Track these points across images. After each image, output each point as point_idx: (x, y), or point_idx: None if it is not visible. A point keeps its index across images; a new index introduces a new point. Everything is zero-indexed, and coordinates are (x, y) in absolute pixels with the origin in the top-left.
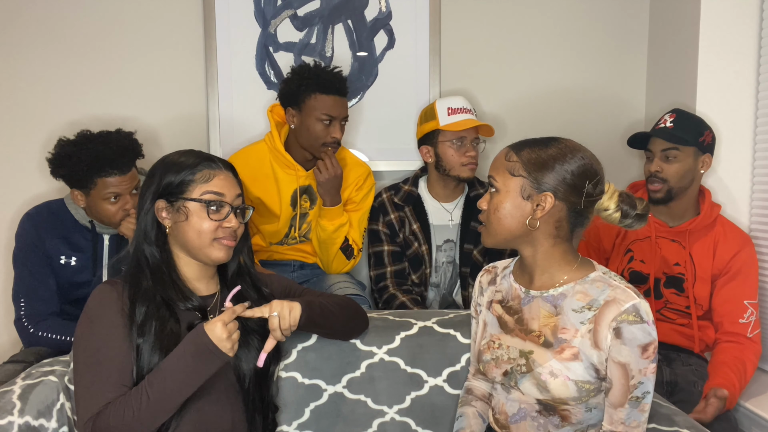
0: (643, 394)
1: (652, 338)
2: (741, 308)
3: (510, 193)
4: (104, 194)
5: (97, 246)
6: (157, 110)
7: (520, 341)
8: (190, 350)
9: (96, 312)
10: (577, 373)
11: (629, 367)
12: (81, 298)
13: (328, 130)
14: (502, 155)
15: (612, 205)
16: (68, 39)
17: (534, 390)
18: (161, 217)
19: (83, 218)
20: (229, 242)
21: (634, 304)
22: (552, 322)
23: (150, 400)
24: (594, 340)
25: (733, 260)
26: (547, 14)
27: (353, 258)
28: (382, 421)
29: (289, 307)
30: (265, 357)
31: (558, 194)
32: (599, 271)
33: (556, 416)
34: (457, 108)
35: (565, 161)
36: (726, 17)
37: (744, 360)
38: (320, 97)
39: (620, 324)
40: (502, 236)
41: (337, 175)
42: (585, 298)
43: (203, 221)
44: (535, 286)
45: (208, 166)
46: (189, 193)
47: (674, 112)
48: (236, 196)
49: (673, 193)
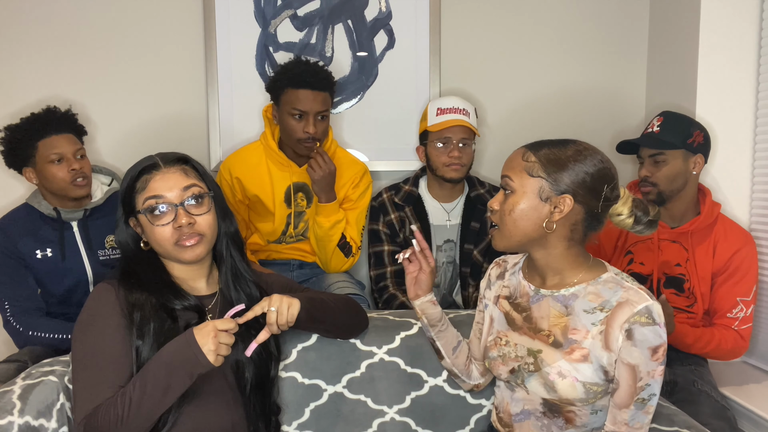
0: (649, 396)
1: (662, 340)
2: (732, 304)
3: (527, 194)
4: (48, 156)
5: (64, 233)
6: (157, 110)
7: (529, 339)
8: (170, 350)
9: (94, 312)
10: (585, 375)
11: (638, 368)
12: (67, 292)
13: (301, 125)
14: (519, 155)
15: (626, 211)
16: (68, 39)
17: (541, 389)
18: (140, 233)
19: (47, 208)
20: (190, 241)
21: (647, 305)
22: (562, 322)
23: (132, 402)
24: (605, 341)
25: (733, 258)
26: (547, 14)
27: (352, 256)
28: (382, 421)
29: (288, 303)
30: (255, 347)
31: (577, 197)
32: (611, 272)
33: (561, 418)
34: (447, 108)
35: (584, 163)
36: (726, 17)
37: (713, 330)
38: (290, 91)
39: (632, 325)
40: (516, 239)
41: (330, 171)
42: (597, 299)
43: (154, 230)
44: (546, 285)
45: (146, 171)
46: (137, 206)
47: (662, 116)
48: (183, 189)
49: (665, 196)
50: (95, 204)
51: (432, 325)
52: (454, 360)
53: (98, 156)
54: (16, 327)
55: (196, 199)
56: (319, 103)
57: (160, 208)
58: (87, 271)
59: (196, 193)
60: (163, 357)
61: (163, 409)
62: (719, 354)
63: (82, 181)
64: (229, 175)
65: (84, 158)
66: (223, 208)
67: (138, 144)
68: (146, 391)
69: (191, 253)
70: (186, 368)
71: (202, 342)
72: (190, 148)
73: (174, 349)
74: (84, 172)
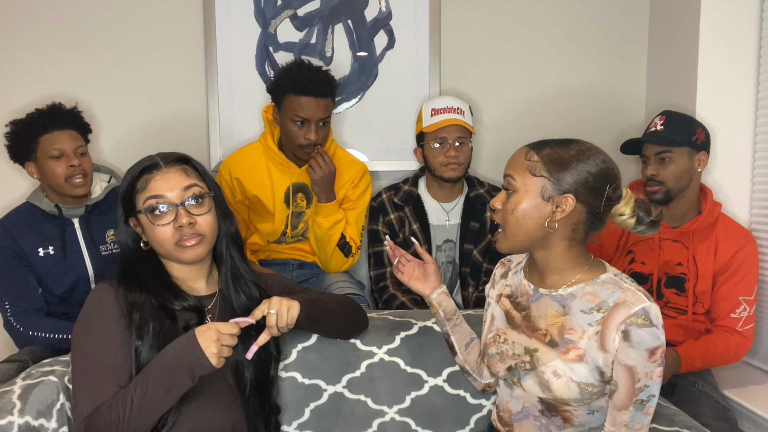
0: (648, 397)
1: (660, 342)
2: (735, 304)
3: (529, 194)
4: (48, 151)
5: (65, 230)
6: (157, 110)
7: (526, 338)
8: (171, 351)
9: (94, 312)
10: (580, 375)
11: (636, 370)
12: (68, 290)
13: (303, 132)
14: (522, 154)
15: (628, 211)
16: (68, 39)
17: (536, 388)
18: (140, 234)
19: (49, 205)
20: (191, 241)
21: (644, 307)
22: (559, 321)
23: (134, 403)
24: (601, 342)
25: (734, 258)
26: (547, 14)
27: (351, 256)
28: (382, 421)
29: (287, 305)
30: (255, 350)
31: (579, 196)
32: (610, 273)
33: (558, 417)
34: (440, 108)
35: (587, 163)
36: (726, 17)
37: (716, 341)
38: (293, 98)
39: (629, 327)
40: (519, 239)
41: (330, 172)
42: (594, 300)
43: (155, 230)
44: (545, 284)
45: (146, 171)
46: (137, 206)
47: (664, 115)
48: (183, 189)
49: (672, 194)
50: (95, 200)
51: (448, 318)
52: (466, 356)
53: (98, 155)
54: (16, 327)
55: (196, 199)
56: (322, 110)
57: (161, 207)
58: (88, 268)
59: (197, 193)
60: (164, 358)
61: (164, 410)
62: (725, 362)
63: (80, 180)
64: (228, 176)
65: (85, 155)
66: (224, 209)
67: (138, 144)
68: (148, 391)
69: (192, 253)
70: (187, 370)
71: (204, 345)
72: (190, 148)
73: (176, 350)
74: (84, 169)
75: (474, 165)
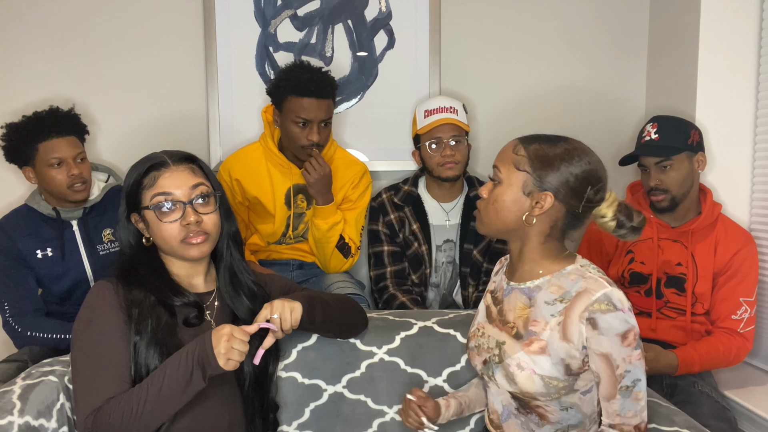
0: (633, 382)
1: (630, 325)
2: (736, 305)
3: (512, 187)
4: (47, 160)
5: (64, 232)
6: (157, 110)
7: (498, 331)
8: (191, 348)
9: (94, 309)
10: (543, 368)
11: (612, 357)
12: (67, 291)
13: (305, 133)
14: (510, 147)
15: (609, 213)
16: (68, 39)
17: (504, 382)
18: (142, 230)
19: (47, 209)
20: (197, 239)
21: (605, 292)
22: (525, 314)
23: (148, 399)
24: (563, 332)
25: (734, 258)
26: (547, 14)
27: (351, 256)
28: (382, 421)
29: (290, 308)
30: (262, 354)
31: (559, 195)
32: (577, 264)
33: (534, 414)
34: (434, 109)
35: (571, 163)
36: (726, 17)
37: (717, 344)
38: (294, 99)
39: (593, 314)
40: (495, 227)
41: (325, 174)
42: (559, 291)
43: (161, 226)
44: (515, 278)
45: (154, 168)
46: (143, 202)
47: (655, 121)
48: (191, 187)
49: (678, 200)
50: (93, 201)
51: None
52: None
53: (98, 155)
54: (14, 328)
55: (203, 198)
56: (323, 111)
57: (168, 205)
58: (86, 269)
59: (204, 192)
60: (184, 355)
61: (179, 407)
62: (726, 364)
63: (81, 186)
64: (228, 177)
65: (84, 162)
66: (227, 209)
67: (138, 144)
68: (163, 386)
69: (197, 251)
70: (200, 367)
71: (215, 342)
72: (190, 148)
73: (194, 348)
74: (83, 176)
75: (473, 164)
